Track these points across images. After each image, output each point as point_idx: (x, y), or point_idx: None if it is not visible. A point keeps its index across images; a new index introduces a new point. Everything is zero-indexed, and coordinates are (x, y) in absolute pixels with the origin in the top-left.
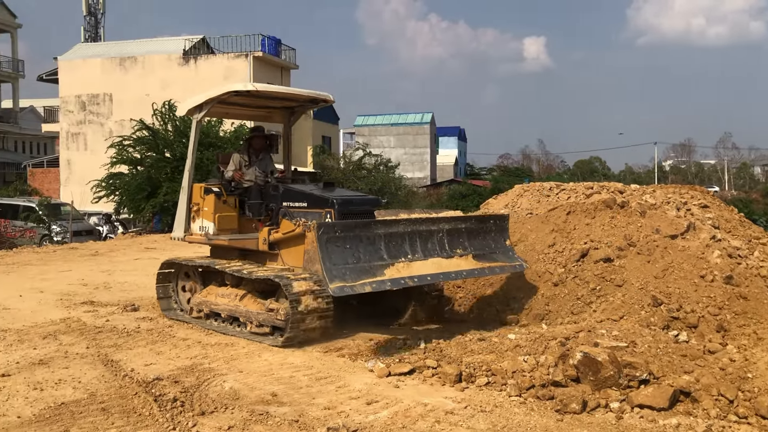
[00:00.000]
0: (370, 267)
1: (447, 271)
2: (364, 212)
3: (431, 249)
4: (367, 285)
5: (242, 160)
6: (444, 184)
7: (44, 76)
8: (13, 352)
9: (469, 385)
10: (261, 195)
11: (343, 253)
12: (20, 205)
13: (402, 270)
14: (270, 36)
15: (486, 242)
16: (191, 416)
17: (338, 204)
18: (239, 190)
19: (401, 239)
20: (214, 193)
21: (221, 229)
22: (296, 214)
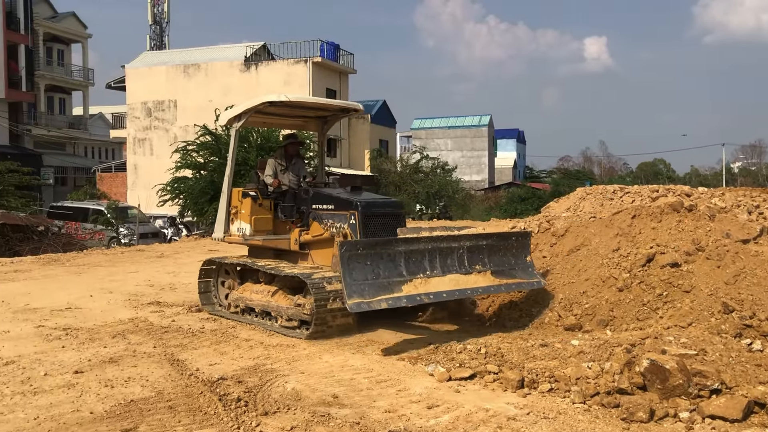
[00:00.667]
0: (388, 283)
1: (463, 288)
2: (387, 214)
3: (450, 265)
4: (384, 302)
5: (278, 165)
6: (502, 187)
7: (112, 84)
8: (85, 350)
9: (532, 391)
10: (294, 198)
11: (363, 269)
12: (90, 209)
13: (419, 286)
14: (329, 41)
15: (506, 258)
16: (255, 416)
17: (361, 206)
18: (274, 194)
19: (421, 255)
20: (250, 197)
21: (257, 230)
22: (324, 216)
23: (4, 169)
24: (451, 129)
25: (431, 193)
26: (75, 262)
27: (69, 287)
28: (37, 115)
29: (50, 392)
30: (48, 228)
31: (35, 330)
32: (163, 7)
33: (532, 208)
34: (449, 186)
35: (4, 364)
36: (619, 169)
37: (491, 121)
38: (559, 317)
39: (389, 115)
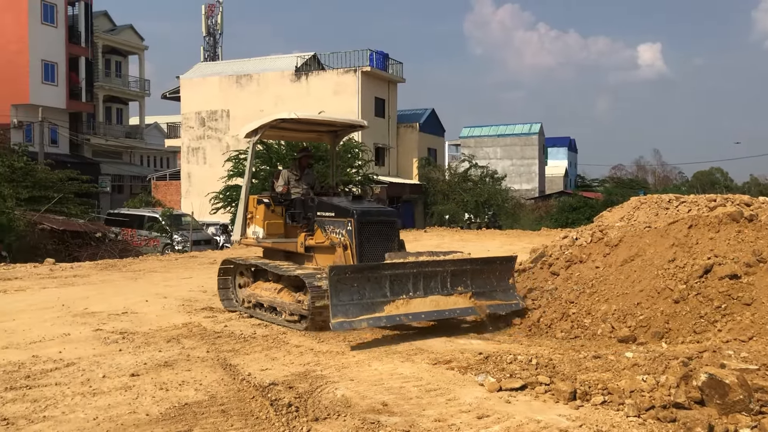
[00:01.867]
0: (372, 303)
1: (442, 309)
2: (381, 222)
3: (433, 287)
4: (365, 321)
5: (291, 176)
6: (553, 196)
7: (167, 95)
8: (141, 354)
9: (584, 404)
10: (302, 206)
11: (350, 290)
12: (145, 216)
13: (400, 307)
14: (378, 51)
15: (489, 281)
16: (305, 421)
17: (357, 214)
18: (286, 202)
19: (406, 278)
20: (264, 204)
21: (269, 234)
22: (327, 223)
23: (64, 177)
24: (501, 137)
25: (480, 202)
26: (131, 268)
27: (125, 292)
28: (95, 125)
29: (108, 394)
30: (105, 234)
31: (94, 333)
32: (216, 18)
33: (584, 217)
34: (498, 195)
35: (65, 365)
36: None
37: (542, 129)
38: (612, 329)
39: (438, 124)
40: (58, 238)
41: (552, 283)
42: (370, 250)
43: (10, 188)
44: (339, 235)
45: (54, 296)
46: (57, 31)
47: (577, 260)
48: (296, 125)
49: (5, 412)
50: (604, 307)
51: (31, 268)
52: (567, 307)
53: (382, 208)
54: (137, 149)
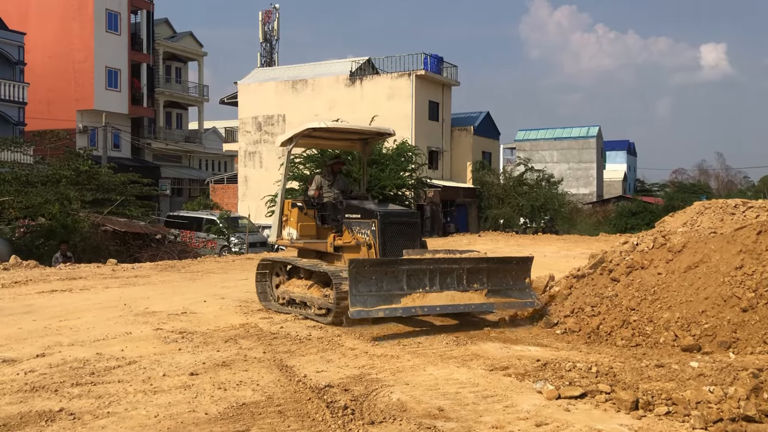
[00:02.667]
0: (389, 295)
1: (457, 304)
2: (402, 222)
3: (449, 283)
4: (381, 311)
5: (324, 181)
6: (612, 201)
7: (225, 100)
8: (199, 353)
9: (647, 414)
10: (333, 209)
11: (368, 282)
12: (203, 218)
13: (416, 300)
14: (432, 54)
15: (505, 280)
16: (361, 425)
17: (380, 215)
18: (318, 205)
19: (422, 274)
20: (298, 207)
21: (302, 235)
22: (354, 224)
23: (126, 180)
24: (557, 140)
25: (536, 207)
26: (190, 269)
27: (184, 292)
28: (156, 130)
29: (168, 392)
30: (165, 236)
31: (154, 332)
32: (273, 25)
33: (644, 222)
34: (555, 199)
35: (127, 363)
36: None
37: (600, 133)
38: (675, 337)
39: (493, 127)
40: (120, 240)
41: (612, 290)
42: (392, 248)
43: (75, 191)
44: (364, 235)
45: (116, 296)
46: (120, 39)
47: (638, 266)
48: (328, 134)
49: (72, 407)
50: (666, 314)
51: (94, 269)
52: (628, 315)
53: (404, 210)
54: (196, 153)
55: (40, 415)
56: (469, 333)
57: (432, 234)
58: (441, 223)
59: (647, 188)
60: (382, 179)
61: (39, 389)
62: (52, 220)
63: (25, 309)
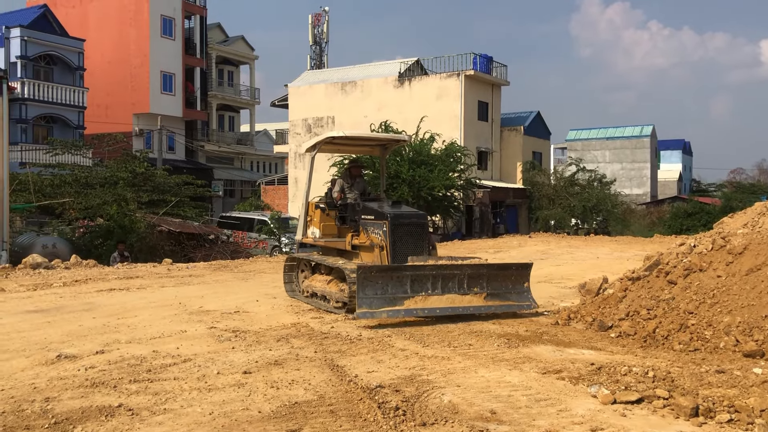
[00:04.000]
0: (393, 298)
1: (456, 306)
2: (412, 224)
3: (451, 287)
4: (385, 313)
5: (344, 184)
6: (666, 202)
7: (276, 102)
8: (252, 352)
9: (708, 421)
10: (352, 210)
11: (374, 286)
12: (255, 219)
13: (419, 302)
14: (482, 54)
15: (504, 284)
16: (413, 426)
17: (391, 217)
18: (339, 206)
19: (425, 278)
20: (320, 209)
21: (324, 234)
22: (368, 225)
23: (180, 181)
24: (610, 140)
25: (588, 207)
26: (242, 269)
27: (237, 292)
28: (209, 132)
29: (222, 390)
30: (218, 236)
31: (208, 331)
32: (322, 27)
33: (700, 224)
34: (608, 200)
35: (183, 361)
36: None
37: (654, 132)
38: (736, 342)
39: (543, 127)
40: (174, 240)
41: (669, 293)
42: (402, 248)
43: (131, 192)
44: (377, 235)
45: (171, 295)
46: (174, 44)
47: (696, 268)
48: (348, 141)
49: (130, 403)
50: (727, 318)
51: (150, 268)
52: (685, 318)
53: (414, 212)
54: (247, 155)
55: (100, 410)
56: (520, 335)
57: (481, 235)
58: (490, 224)
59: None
60: (431, 180)
61: (99, 385)
62: (110, 221)
63: (85, 307)
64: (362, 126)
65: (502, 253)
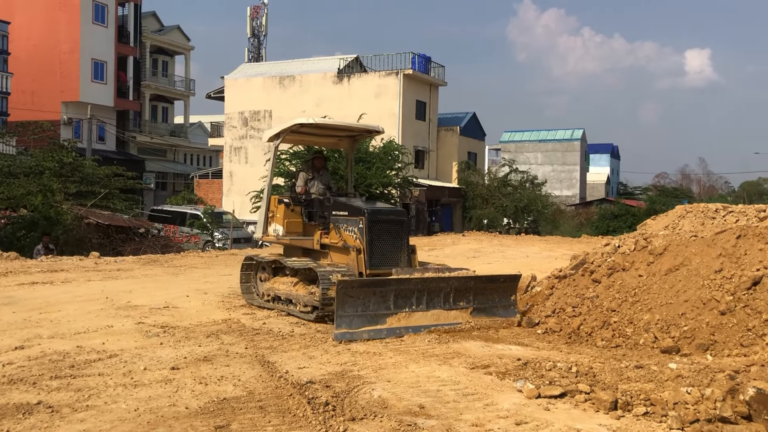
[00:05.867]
0: (375, 315)
1: (441, 323)
2: (391, 221)
3: (436, 302)
4: (365, 333)
5: (307, 177)
6: (594, 204)
7: (212, 95)
8: (181, 348)
9: (626, 414)
10: (319, 205)
11: (355, 303)
12: (187, 213)
13: (402, 320)
14: (420, 54)
15: (491, 298)
16: (342, 421)
17: (368, 213)
18: (304, 201)
19: (410, 293)
20: (284, 203)
21: (288, 232)
22: (341, 221)
23: (110, 173)
24: (542, 142)
25: (520, 207)
26: (172, 264)
27: (167, 287)
28: (141, 123)
29: (149, 386)
30: (148, 230)
31: (135, 326)
32: (261, 20)
33: (626, 225)
34: (538, 200)
35: (108, 356)
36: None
37: (584, 135)
38: (655, 339)
39: (478, 128)
40: (103, 233)
41: (593, 291)
42: (380, 248)
43: (58, 183)
44: (351, 233)
45: (98, 289)
46: (107, 31)
47: (619, 268)
48: (315, 130)
49: (51, 400)
50: (647, 316)
51: (76, 261)
52: (608, 316)
53: (392, 208)
54: (181, 147)
55: (18, 407)
56: (451, 331)
57: (417, 233)
58: (426, 222)
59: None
60: (368, 177)
61: (17, 382)
62: (34, 212)
63: (5, 301)
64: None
65: (437, 251)
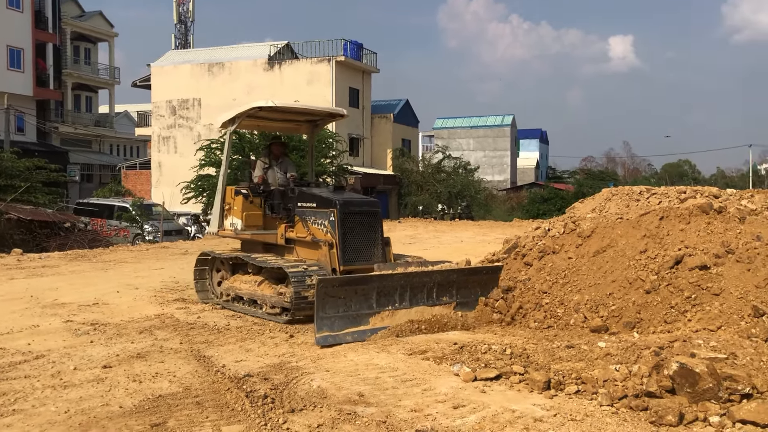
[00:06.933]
0: (357, 315)
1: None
2: (364, 212)
3: (419, 298)
4: (349, 335)
5: (264, 165)
6: (525, 188)
7: (138, 83)
8: (113, 345)
9: (558, 393)
10: (281, 196)
11: (336, 303)
12: (115, 206)
13: (385, 319)
14: (352, 40)
15: (474, 291)
16: (281, 413)
17: (340, 205)
18: (265, 192)
19: (393, 290)
20: (242, 195)
21: (248, 225)
22: (308, 213)
23: (31, 165)
24: (474, 129)
25: (453, 193)
26: (101, 259)
27: (96, 283)
28: (63, 113)
29: (80, 386)
30: (74, 224)
31: (64, 325)
32: (188, 6)
33: (555, 208)
34: (471, 186)
35: (35, 358)
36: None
37: (514, 121)
38: (585, 319)
39: (412, 115)
40: (25, 228)
41: (525, 274)
42: (354, 241)
43: None
44: (321, 226)
45: (22, 287)
46: (23, 16)
47: (549, 251)
48: (274, 114)
49: None
50: (576, 297)
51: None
52: (540, 298)
53: (365, 199)
54: (107, 138)
55: None
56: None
57: None
58: None
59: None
60: (303, 166)
61: None
62: None
63: None
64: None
65: None
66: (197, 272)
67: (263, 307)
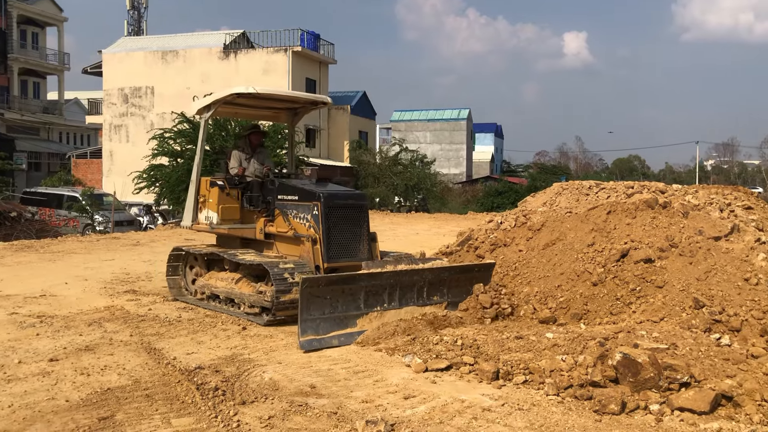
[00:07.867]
0: (344, 317)
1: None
2: (349, 206)
3: (409, 298)
4: (335, 339)
5: (241, 155)
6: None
7: (89, 69)
8: (60, 338)
9: (507, 383)
10: (260, 188)
11: (321, 303)
12: (64, 195)
13: (373, 320)
14: (309, 31)
15: (465, 289)
16: (232, 405)
17: (324, 197)
18: (242, 184)
19: (382, 289)
20: (218, 186)
21: (224, 219)
22: (289, 207)
23: None
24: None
25: (410, 186)
26: (49, 249)
27: (43, 274)
28: (10, 99)
29: (25, 380)
30: (21, 214)
31: (8, 317)
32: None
33: (509, 202)
34: (427, 179)
35: None
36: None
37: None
38: (534, 310)
39: (369, 107)
40: None
41: None
42: (338, 236)
43: None
44: (303, 220)
45: None
46: None
47: (501, 244)
48: (253, 101)
49: None
50: (526, 289)
51: None
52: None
53: (351, 192)
54: (56, 125)
55: None
56: None
57: None
58: None
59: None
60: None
61: None
62: None
63: None
64: (185, 98)
65: None
66: (170, 268)
67: (241, 306)
